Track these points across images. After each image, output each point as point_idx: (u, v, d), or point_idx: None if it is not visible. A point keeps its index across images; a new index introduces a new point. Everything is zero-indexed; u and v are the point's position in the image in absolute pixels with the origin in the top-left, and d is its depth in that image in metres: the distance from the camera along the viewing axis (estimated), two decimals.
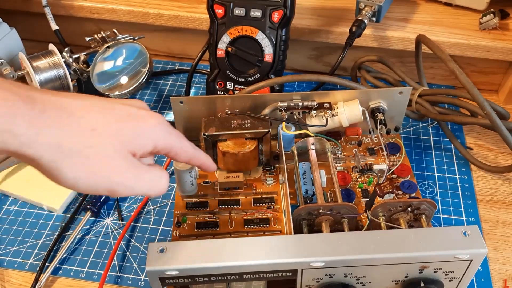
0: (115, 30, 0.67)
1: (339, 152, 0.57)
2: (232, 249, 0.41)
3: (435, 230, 0.42)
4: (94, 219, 0.57)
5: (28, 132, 0.32)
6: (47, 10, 0.69)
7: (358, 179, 0.55)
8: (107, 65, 0.65)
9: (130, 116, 0.38)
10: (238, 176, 0.52)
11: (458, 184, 0.59)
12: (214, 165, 0.45)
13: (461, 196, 0.58)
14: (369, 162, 0.56)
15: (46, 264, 0.52)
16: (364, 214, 0.49)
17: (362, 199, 0.53)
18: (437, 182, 0.59)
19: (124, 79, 0.64)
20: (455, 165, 0.62)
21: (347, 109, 0.55)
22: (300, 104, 0.54)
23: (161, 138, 0.39)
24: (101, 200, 0.57)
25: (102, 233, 0.56)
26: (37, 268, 0.52)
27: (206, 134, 0.52)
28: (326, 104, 0.55)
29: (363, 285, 0.43)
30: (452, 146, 0.63)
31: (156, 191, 0.39)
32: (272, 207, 0.52)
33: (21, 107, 0.32)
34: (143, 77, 0.64)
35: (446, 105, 0.64)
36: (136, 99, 0.46)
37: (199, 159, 0.43)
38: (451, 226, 0.55)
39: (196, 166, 0.44)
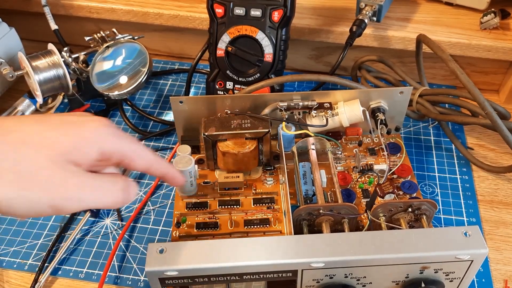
0: (114, 30, 0.67)
1: (340, 152, 0.57)
2: (232, 250, 0.41)
3: (436, 230, 0.42)
4: (94, 219, 0.57)
5: None
6: (47, 10, 0.69)
7: (359, 179, 0.55)
8: (107, 65, 0.65)
9: (65, 123, 0.34)
10: (238, 176, 0.52)
11: (459, 184, 0.59)
12: (182, 177, 0.42)
13: (462, 197, 0.58)
14: (369, 162, 0.56)
15: (46, 264, 0.52)
16: (365, 214, 0.49)
17: (362, 199, 0.53)
18: (437, 182, 0.59)
19: (123, 79, 0.64)
20: (456, 165, 0.61)
21: (348, 109, 0.55)
22: (300, 104, 0.54)
23: (107, 142, 0.35)
24: None
25: (101, 234, 0.55)
26: (36, 269, 0.51)
27: (206, 134, 0.52)
28: (326, 104, 0.55)
29: (364, 285, 0.43)
30: (453, 146, 0.63)
31: (111, 199, 0.35)
32: (272, 207, 0.52)
33: None
34: (142, 77, 0.64)
35: (446, 105, 0.64)
36: (80, 112, 0.41)
37: (160, 167, 0.39)
38: (452, 226, 0.55)
39: (158, 177, 0.39)
